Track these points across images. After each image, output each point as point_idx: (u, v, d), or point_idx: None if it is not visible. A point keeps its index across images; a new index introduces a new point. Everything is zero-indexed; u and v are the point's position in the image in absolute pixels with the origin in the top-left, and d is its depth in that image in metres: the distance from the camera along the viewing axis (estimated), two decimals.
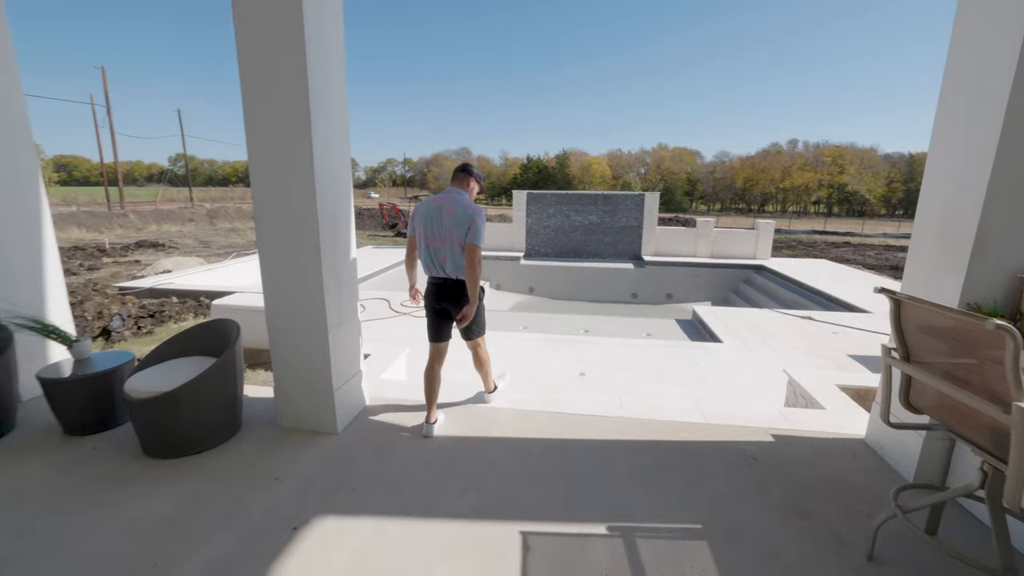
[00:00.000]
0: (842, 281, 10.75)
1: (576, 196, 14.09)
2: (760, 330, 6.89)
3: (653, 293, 13.07)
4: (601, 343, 6.22)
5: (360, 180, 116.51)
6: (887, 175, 71.77)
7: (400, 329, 6.69)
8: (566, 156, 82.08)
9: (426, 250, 2.88)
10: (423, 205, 2.89)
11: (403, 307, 7.88)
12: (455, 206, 2.78)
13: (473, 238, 2.74)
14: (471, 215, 2.75)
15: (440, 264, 2.86)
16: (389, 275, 11.35)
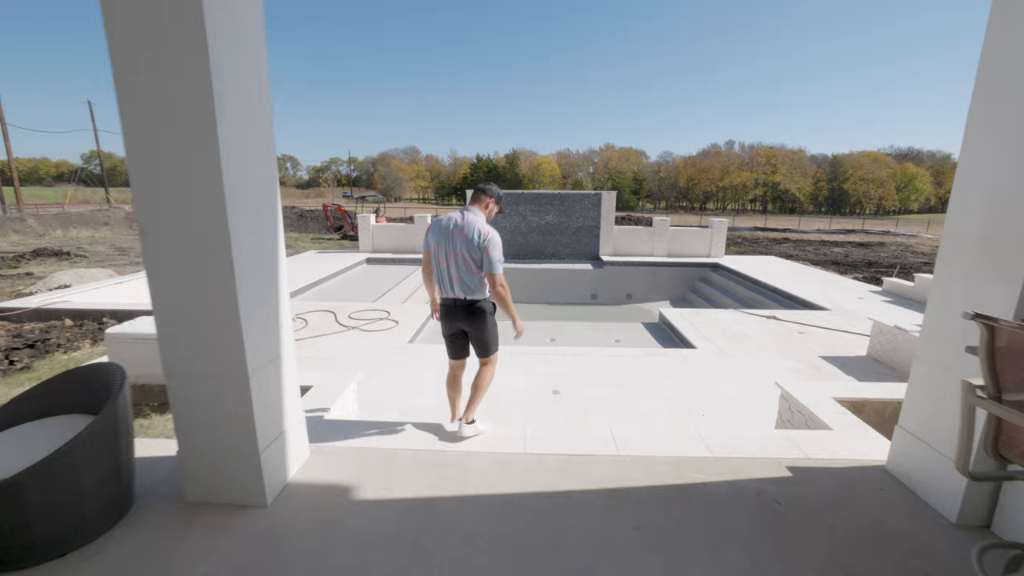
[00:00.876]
0: (793, 278, 10.98)
1: (532, 196, 13.69)
2: (729, 333, 6.71)
3: (613, 294, 12.90)
4: (571, 354, 5.78)
5: (303, 180, 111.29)
6: (814, 175, 77.06)
7: (349, 347, 5.95)
8: (516, 155, 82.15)
9: (437, 267, 2.89)
10: (437, 222, 2.90)
11: (352, 319, 7.11)
12: (468, 227, 2.76)
13: (490, 267, 2.76)
14: (485, 242, 2.73)
15: (449, 283, 2.86)
16: (336, 283, 10.43)
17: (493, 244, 2.75)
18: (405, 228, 14.15)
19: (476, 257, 2.76)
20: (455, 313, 2.92)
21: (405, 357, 5.61)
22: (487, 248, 2.73)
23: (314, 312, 7.45)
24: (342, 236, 21.19)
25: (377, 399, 4.45)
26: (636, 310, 12.31)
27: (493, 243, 2.75)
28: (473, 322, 2.91)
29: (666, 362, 5.55)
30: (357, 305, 7.97)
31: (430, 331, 7.16)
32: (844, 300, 8.70)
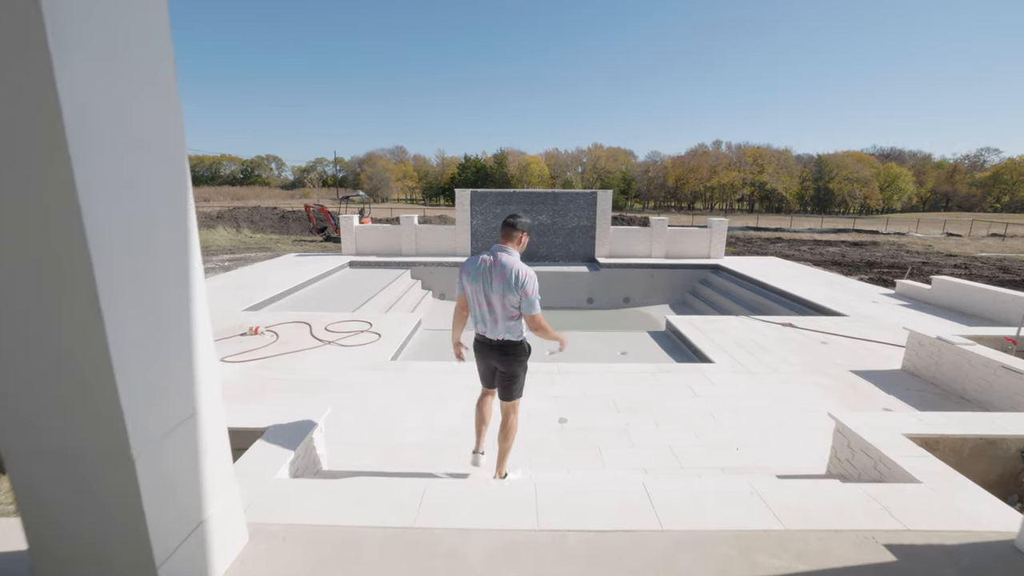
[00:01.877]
0: (799, 280, 10.46)
1: (524, 195, 13.03)
2: (746, 343, 6.11)
3: (610, 297, 12.29)
4: (574, 371, 5.12)
5: (287, 180, 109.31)
6: (800, 174, 77.63)
7: (323, 366, 5.21)
8: (504, 155, 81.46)
9: (477, 310, 2.86)
10: (471, 263, 2.84)
11: (329, 332, 6.36)
12: (507, 270, 2.70)
13: (529, 309, 2.73)
14: (523, 283, 2.68)
15: (491, 326, 2.82)
16: (314, 290, 9.65)
17: (531, 285, 2.69)
18: (390, 229, 13.39)
19: (515, 301, 2.72)
20: (489, 351, 2.90)
21: (387, 378, 4.90)
22: (526, 291, 2.68)
23: (287, 324, 6.69)
24: (325, 238, 20.33)
25: (352, 439, 3.74)
26: (635, 314, 11.72)
27: (531, 283, 2.69)
28: (506, 361, 2.86)
29: (683, 380, 4.92)
30: (336, 315, 7.22)
31: (417, 345, 6.44)
32: (858, 304, 8.18)
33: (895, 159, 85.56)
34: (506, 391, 2.95)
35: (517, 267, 2.70)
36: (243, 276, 10.08)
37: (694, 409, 4.27)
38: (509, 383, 2.92)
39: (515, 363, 2.87)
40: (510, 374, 2.90)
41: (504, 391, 2.96)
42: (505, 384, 2.94)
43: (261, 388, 4.59)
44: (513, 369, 2.88)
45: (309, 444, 2.92)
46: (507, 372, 2.89)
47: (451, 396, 4.49)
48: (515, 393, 2.95)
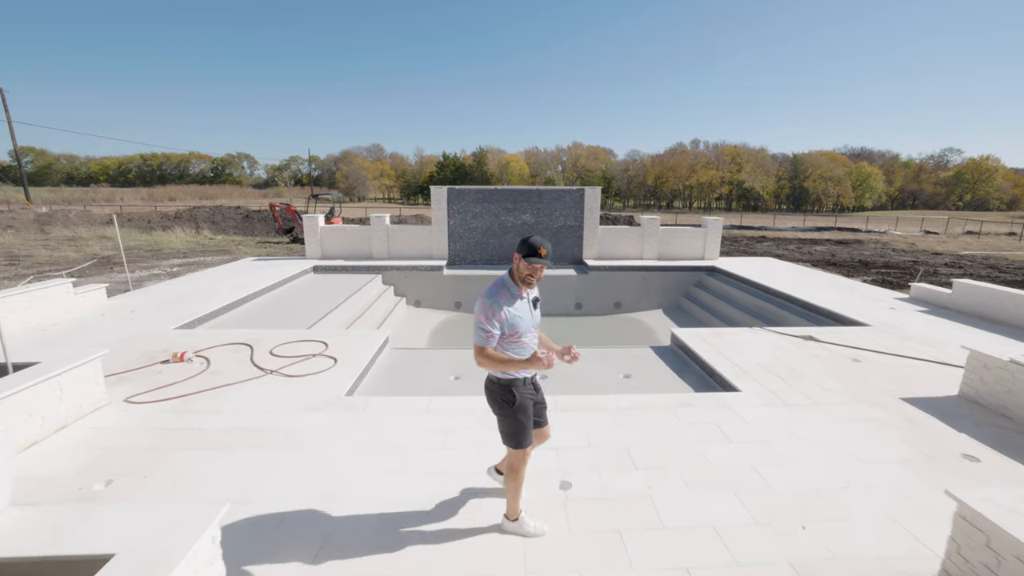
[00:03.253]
0: (802, 282, 9.73)
1: (506, 192, 12.02)
2: (770, 363, 5.24)
3: (600, 302, 11.40)
4: (576, 407, 4.14)
5: (260, 179, 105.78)
6: (776, 173, 78.63)
7: (256, 407, 4.10)
8: (483, 153, 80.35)
9: None
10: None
11: (275, 356, 5.25)
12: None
13: (474, 336, 2.40)
14: (477, 305, 2.40)
15: None
16: (267, 301, 8.45)
17: (480, 304, 2.37)
18: (359, 230, 12.21)
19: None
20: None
21: (337, 422, 3.83)
22: (476, 311, 2.39)
23: (223, 347, 5.54)
24: (292, 239, 18.94)
25: (269, 539, 2.68)
26: (628, 321, 10.86)
27: (480, 303, 2.37)
28: (489, 400, 2.57)
29: (708, 417, 3.99)
30: (287, 333, 6.09)
31: (381, 371, 5.37)
32: (874, 311, 7.43)
33: (865, 158, 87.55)
34: (502, 436, 2.58)
35: (486, 288, 2.43)
36: (186, 285, 8.81)
37: (731, 461, 3.34)
38: (501, 429, 2.57)
39: (493, 403, 2.54)
40: (496, 415, 2.57)
41: (502, 436, 2.60)
42: (500, 430, 2.60)
43: (160, 445, 3.47)
44: (494, 409, 2.55)
45: (195, 556, 1.86)
46: (497, 418, 2.59)
47: (420, 447, 3.47)
48: (506, 440, 2.55)
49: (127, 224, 21.87)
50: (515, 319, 2.38)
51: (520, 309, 2.41)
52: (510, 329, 2.39)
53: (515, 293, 2.40)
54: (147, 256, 14.73)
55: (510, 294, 2.39)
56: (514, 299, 2.40)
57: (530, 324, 2.47)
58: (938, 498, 2.94)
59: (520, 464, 2.53)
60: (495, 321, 2.32)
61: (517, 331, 2.41)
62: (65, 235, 18.82)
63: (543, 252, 2.30)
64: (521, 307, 2.42)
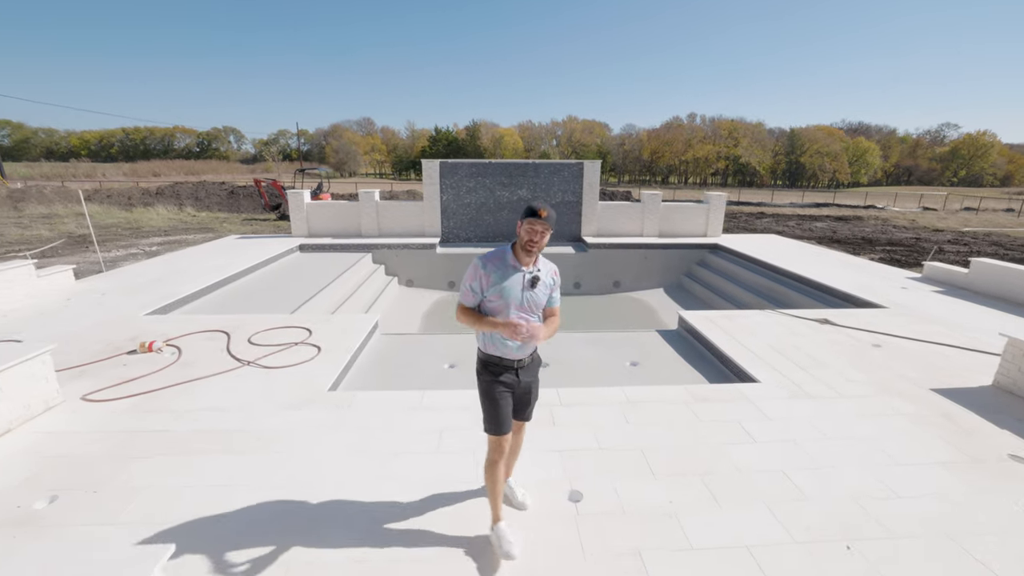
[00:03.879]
0: (808, 260, 9.37)
1: (501, 166, 11.45)
2: (787, 349, 4.89)
3: (599, 281, 11.01)
4: (581, 402, 3.78)
5: (248, 154, 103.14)
6: (773, 147, 77.68)
7: (230, 403, 3.69)
8: (476, 127, 78.56)
9: None
10: None
11: (253, 345, 4.83)
12: None
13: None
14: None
15: None
16: (249, 282, 7.97)
17: (469, 268, 2.28)
18: (348, 206, 11.63)
19: None
20: None
21: (320, 420, 3.44)
22: None
23: (198, 335, 5.10)
24: (279, 216, 18.27)
25: (245, 548, 2.30)
26: (627, 301, 10.50)
27: (469, 267, 2.27)
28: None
29: (728, 412, 3.65)
30: (268, 318, 5.66)
31: (370, 360, 4.97)
32: (887, 291, 7.10)
33: (863, 133, 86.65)
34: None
35: None
36: (163, 266, 8.29)
37: (758, 465, 3.00)
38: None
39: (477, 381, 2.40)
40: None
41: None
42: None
43: (117, 451, 3.08)
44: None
45: None
46: None
47: (411, 451, 3.10)
48: (483, 424, 2.34)
49: (106, 201, 21.01)
50: (498, 289, 2.19)
51: (511, 281, 2.20)
52: (491, 298, 2.21)
53: (510, 263, 2.22)
54: (125, 235, 14.09)
55: (503, 262, 2.22)
56: (507, 268, 2.21)
57: (518, 301, 2.22)
58: (994, 509, 2.63)
59: (494, 455, 2.30)
60: (476, 282, 2.21)
61: (498, 302, 2.21)
62: (40, 212, 18.01)
63: (543, 213, 2.11)
64: (513, 280, 2.21)
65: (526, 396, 2.41)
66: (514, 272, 2.21)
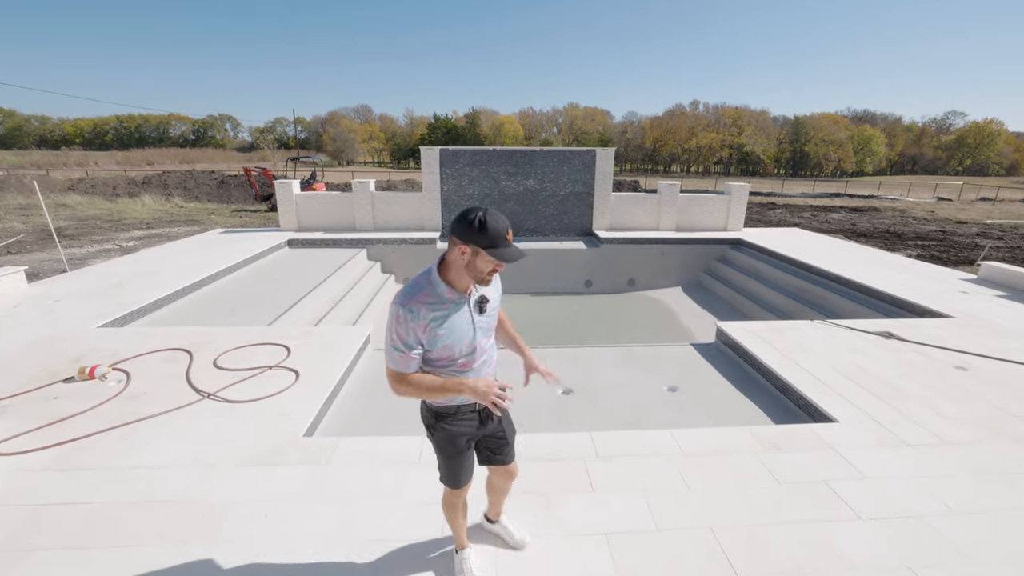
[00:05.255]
0: (843, 257, 8.57)
1: (507, 154, 10.57)
2: (857, 374, 4.10)
3: (612, 279, 10.21)
4: (621, 455, 3.00)
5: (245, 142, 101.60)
6: (777, 136, 76.36)
7: (175, 458, 2.90)
8: (476, 115, 77.25)
9: None
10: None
11: (218, 369, 4.04)
12: None
13: (386, 356, 1.65)
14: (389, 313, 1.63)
15: None
16: (229, 283, 7.15)
17: (389, 317, 1.61)
18: (340, 198, 10.77)
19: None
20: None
21: (284, 488, 2.65)
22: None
23: (156, 355, 4.30)
24: (270, 208, 17.37)
25: None
26: (642, 300, 9.72)
27: (389, 315, 1.60)
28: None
29: (808, 468, 2.86)
30: (242, 333, 4.85)
31: (358, 388, 4.16)
32: (946, 296, 6.31)
33: (868, 121, 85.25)
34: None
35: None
36: (132, 265, 7.47)
37: (873, 560, 2.23)
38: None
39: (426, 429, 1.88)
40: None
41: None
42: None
43: (13, 538, 2.29)
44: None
45: None
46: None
47: (409, 536, 2.31)
48: (440, 475, 1.93)
49: (90, 191, 20.08)
50: (445, 335, 1.63)
51: (455, 319, 1.64)
52: (436, 350, 1.65)
53: (444, 296, 1.62)
54: (104, 228, 13.22)
55: (437, 298, 1.61)
56: (443, 305, 1.62)
57: (474, 339, 1.70)
58: None
59: (452, 499, 1.97)
60: (409, 337, 1.60)
61: (449, 351, 1.67)
62: (18, 203, 17.10)
63: (509, 236, 1.56)
64: (458, 316, 1.65)
65: (499, 438, 1.94)
66: (455, 306, 1.63)
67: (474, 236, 1.48)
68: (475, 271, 1.56)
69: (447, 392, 1.62)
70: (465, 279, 1.61)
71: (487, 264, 1.54)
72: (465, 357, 1.69)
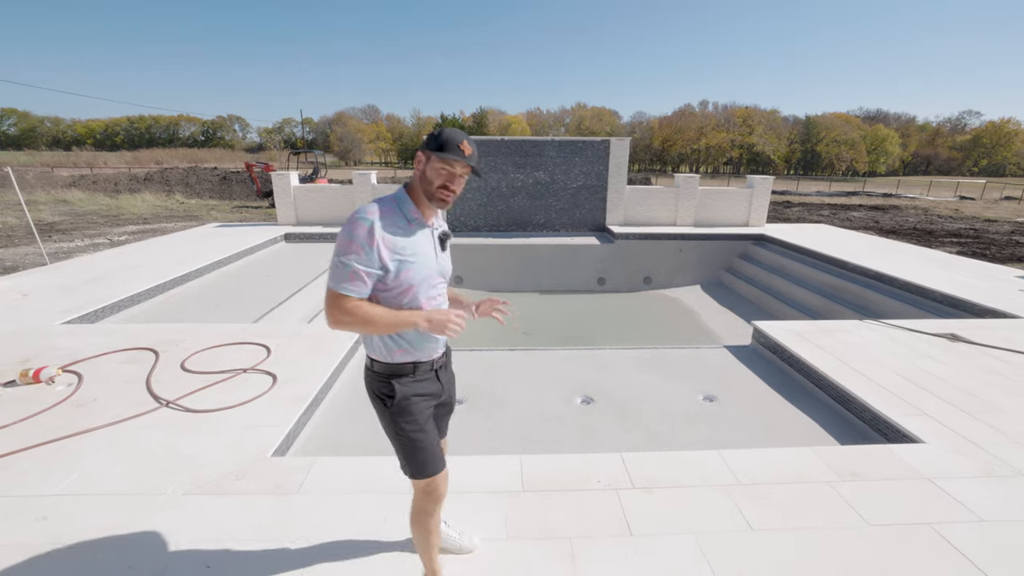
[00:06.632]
0: (880, 254, 7.90)
1: (515, 144, 10.00)
2: (932, 383, 3.48)
3: (626, 277, 9.60)
4: (662, 486, 2.41)
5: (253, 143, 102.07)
6: (788, 135, 75.26)
7: (97, 490, 2.36)
8: (483, 115, 76.90)
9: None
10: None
11: (187, 372, 3.50)
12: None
13: (328, 276, 1.40)
14: (342, 229, 1.38)
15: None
16: (216, 279, 6.63)
17: (342, 230, 1.36)
18: (340, 191, 10.26)
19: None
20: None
21: (242, 528, 2.09)
22: (336, 242, 1.38)
23: (119, 353, 3.77)
24: (272, 204, 16.91)
25: None
26: (660, 299, 9.11)
27: (344, 227, 1.36)
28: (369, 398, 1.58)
29: (904, 505, 2.26)
30: (219, 330, 4.32)
31: (344, 396, 3.60)
32: (1006, 294, 5.66)
33: (881, 120, 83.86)
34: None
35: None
36: (114, 259, 6.98)
37: None
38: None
39: (371, 398, 1.55)
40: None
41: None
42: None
43: None
44: (375, 408, 1.56)
45: None
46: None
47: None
48: (402, 466, 1.59)
49: (92, 187, 19.78)
50: (408, 257, 1.40)
51: (419, 242, 1.44)
52: (399, 276, 1.39)
53: (412, 216, 1.44)
54: (100, 223, 12.83)
55: (403, 216, 1.42)
56: (409, 225, 1.42)
57: (435, 271, 1.49)
58: None
59: (427, 504, 1.61)
60: (368, 254, 1.33)
61: (411, 280, 1.42)
62: (16, 200, 16.77)
63: (467, 149, 1.39)
64: (421, 239, 1.45)
65: (449, 405, 1.75)
66: (420, 227, 1.47)
67: (429, 142, 1.42)
68: (427, 183, 1.42)
69: (396, 325, 1.38)
70: (428, 207, 1.47)
71: (437, 174, 1.41)
72: (425, 294, 1.46)
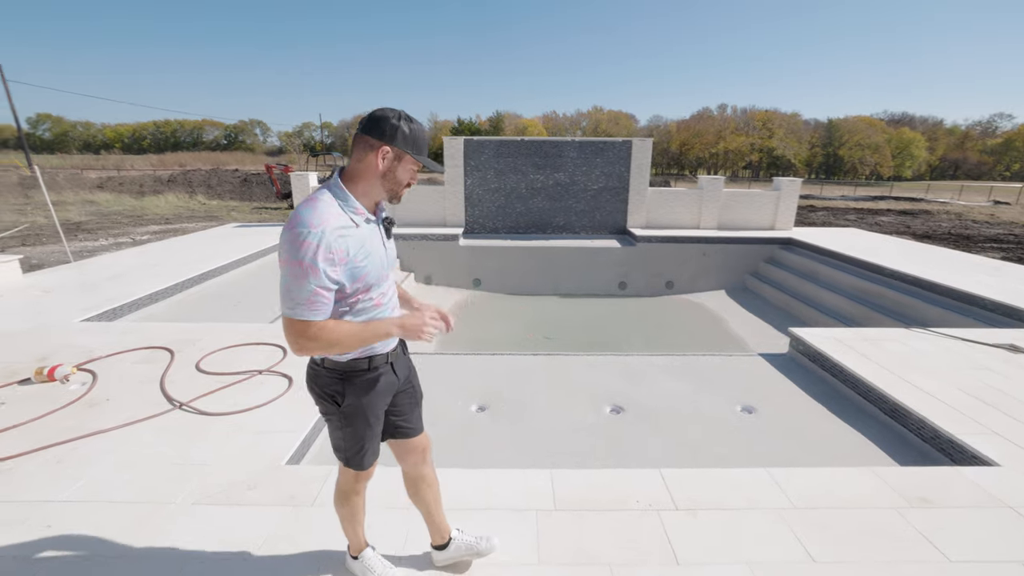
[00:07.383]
0: (914, 259, 7.51)
1: (535, 144, 9.84)
2: (997, 398, 3.20)
3: (647, 281, 9.36)
4: (708, 507, 2.20)
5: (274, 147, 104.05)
6: (810, 139, 73.81)
7: (103, 498, 2.23)
8: (500, 118, 77.06)
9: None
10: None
11: (202, 373, 3.39)
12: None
13: (283, 302, 1.21)
14: (281, 251, 1.20)
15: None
16: (234, 278, 6.60)
17: (286, 248, 1.18)
18: None
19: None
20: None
21: (251, 540, 1.94)
22: (281, 261, 1.21)
23: (135, 352, 3.69)
24: (291, 206, 17.05)
25: None
26: (683, 304, 8.83)
27: (287, 245, 1.17)
28: (309, 391, 1.47)
29: (987, 537, 2.02)
30: (236, 330, 4.22)
31: None
32: None
33: (906, 124, 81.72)
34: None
35: (291, 219, 1.20)
36: (136, 257, 7.01)
37: None
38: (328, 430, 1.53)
39: (313, 394, 1.45)
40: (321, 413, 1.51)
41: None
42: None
43: None
44: (316, 402, 1.47)
45: None
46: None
47: None
48: (335, 449, 1.52)
49: (118, 188, 20.21)
50: (362, 262, 1.26)
51: (367, 240, 1.29)
52: (355, 281, 1.27)
53: (357, 214, 1.27)
54: (124, 223, 13.03)
55: (348, 216, 1.24)
56: (356, 226, 1.26)
57: (386, 264, 1.37)
58: None
59: (358, 485, 1.56)
60: (323, 270, 1.17)
61: (367, 282, 1.30)
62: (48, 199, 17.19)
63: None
64: (369, 236, 1.30)
65: (411, 393, 1.61)
66: (367, 224, 1.31)
67: (400, 138, 1.26)
68: (393, 181, 1.31)
69: (368, 340, 1.27)
70: (376, 191, 1.31)
71: (408, 173, 1.32)
72: (378, 291, 1.35)
